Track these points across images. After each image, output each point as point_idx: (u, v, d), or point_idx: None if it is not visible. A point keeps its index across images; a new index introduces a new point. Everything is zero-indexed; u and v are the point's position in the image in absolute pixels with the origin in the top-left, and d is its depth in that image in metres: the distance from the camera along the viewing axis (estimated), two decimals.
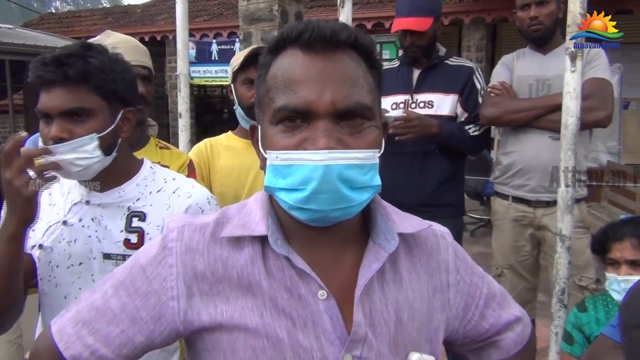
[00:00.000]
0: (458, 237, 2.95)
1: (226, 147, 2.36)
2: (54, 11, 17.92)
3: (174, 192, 1.53)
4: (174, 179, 1.57)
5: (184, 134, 2.98)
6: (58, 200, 1.52)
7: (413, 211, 2.90)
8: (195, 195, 1.55)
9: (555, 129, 2.47)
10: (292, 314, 0.90)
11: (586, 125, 2.61)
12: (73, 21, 15.36)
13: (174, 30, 3.10)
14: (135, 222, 1.48)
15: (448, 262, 1.05)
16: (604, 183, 6.46)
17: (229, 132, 2.45)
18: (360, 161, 0.86)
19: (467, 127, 2.88)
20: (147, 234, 1.47)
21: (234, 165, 2.29)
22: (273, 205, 0.96)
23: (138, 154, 1.91)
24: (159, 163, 1.93)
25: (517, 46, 3.09)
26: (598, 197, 6.42)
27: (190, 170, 2.04)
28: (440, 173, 2.89)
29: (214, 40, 12.01)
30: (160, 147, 2.04)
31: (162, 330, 0.95)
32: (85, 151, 1.39)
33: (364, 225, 1.00)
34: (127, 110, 1.48)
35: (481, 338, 1.12)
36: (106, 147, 1.42)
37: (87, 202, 1.49)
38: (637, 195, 5.75)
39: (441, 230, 1.09)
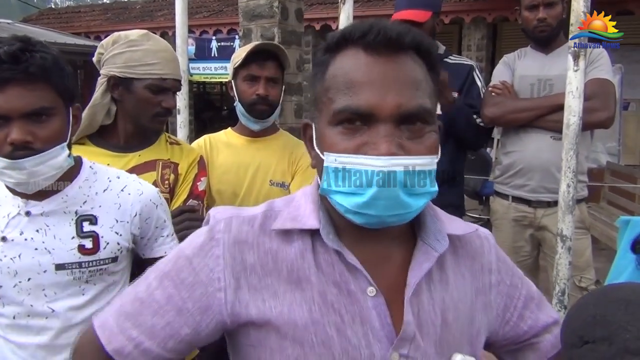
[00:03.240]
0: None
1: (225, 143, 2.35)
2: (53, 6, 17.88)
3: (122, 190, 1.48)
4: (118, 177, 1.51)
5: (182, 131, 2.96)
6: None
7: None
8: (147, 191, 1.51)
9: (557, 129, 2.45)
10: (340, 310, 0.89)
11: (588, 126, 2.60)
12: (72, 17, 15.31)
13: (174, 27, 3.08)
14: (87, 227, 1.41)
15: (491, 263, 1.06)
16: (603, 184, 6.47)
17: (229, 128, 2.44)
18: (421, 167, 0.86)
19: (478, 120, 2.86)
20: (102, 237, 1.41)
21: (233, 162, 2.27)
22: (322, 200, 0.96)
23: (149, 151, 1.90)
24: (169, 160, 1.92)
25: (518, 46, 3.08)
26: (597, 198, 6.42)
27: (201, 167, 2.01)
28: (440, 174, 2.85)
29: (214, 37, 11.98)
30: (171, 143, 2.00)
31: (209, 322, 0.93)
32: (55, 162, 1.32)
33: (411, 224, 0.99)
34: (76, 106, 1.41)
35: (520, 340, 1.11)
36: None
37: (28, 214, 1.37)
38: (637, 196, 5.74)
39: (484, 232, 1.09)
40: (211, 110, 15.35)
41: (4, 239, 1.37)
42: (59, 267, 1.38)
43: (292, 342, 0.89)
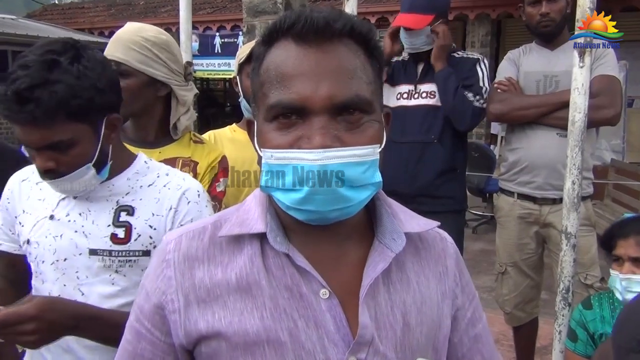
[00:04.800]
0: (459, 234, 2.94)
1: (230, 139, 2.34)
2: (57, 2, 17.86)
3: (164, 186, 1.48)
4: (167, 174, 1.52)
5: None
6: (48, 195, 1.47)
7: (410, 201, 2.90)
8: (186, 186, 1.49)
9: (563, 126, 2.44)
10: (293, 315, 0.86)
11: (594, 123, 2.59)
12: (76, 12, 15.31)
13: (177, 23, 3.08)
14: (123, 217, 1.42)
15: (453, 269, 1.02)
16: (607, 181, 6.45)
17: (234, 124, 2.43)
18: (359, 158, 0.82)
19: (468, 95, 2.82)
20: (135, 228, 1.42)
21: (237, 158, 2.26)
22: (272, 202, 0.92)
23: (170, 148, 1.89)
24: (189, 158, 1.89)
25: (522, 42, 3.06)
26: (601, 195, 6.40)
27: (222, 167, 1.96)
28: (439, 164, 2.87)
29: (217, 33, 11.96)
30: (195, 142, 1.98)
31: (178, 345, 0.91)
32: (83, 181, 1.36)
33: (369, 222, 0.96)
34: (110, 117, 1.39)
35: None
36: (100, 162, 1.38)
37: (75, 197, 1.44)
38: None
39: (447, 236, 1.06)
40: (215, 107, 15.33)
41: (52, 217, 1.44)
42: (92, 252, 1.41)
43: (243, 352, 0.86)
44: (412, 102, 2.94)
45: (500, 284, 3.06)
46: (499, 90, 2.85)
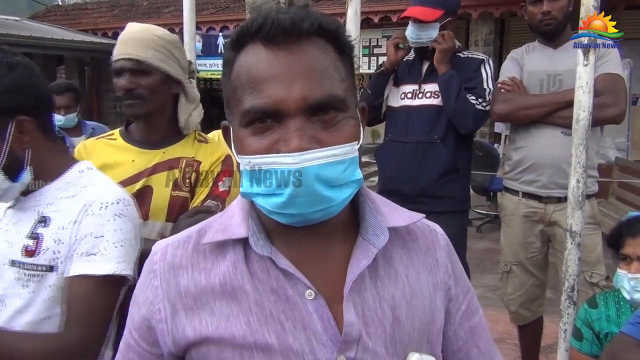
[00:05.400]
0: (462, 234, 2.94)
1: None
2: (60, 3, 17.90)
3: (80, 196, 1.41)
4: (93, 185, 1.44)
5: None
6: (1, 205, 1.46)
7: (412, 201, 2.90)
8: (93, 198, 1.38)
9: (567, 125, 2.43)
10: (280, 317, 0.86)
11: (599, 122, 2.58)
12: (80, 13, 15.34)
13: (181, 23, 3.08)
14: (39, 228, 1.37)
15: (446, 260, 1.01)
16: (612, 179, 6.43)
17: None
18: (338, 157, 0.82)
19: (470, 97, 2.83)
20: (45, 241, 1.36)
21: None
22: (254, 205, 0.91)
23: (174, 148, 1.89)
24: (192, 158, 1.89)
25: (525, 41, 3.06)
26: (606, 194, 6.39)
27: (225, 166, 1.93)
28: (441, 164, 2.88)
29: (221, 34, 11.96)
30: (199, 141, 1.97)
31: (167, 353, 0.92)
32: None
33: (354, 219, 0.95)
34: (19, 119, 1.33)
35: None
36: (11, 167, 1.34)
37: (12, 207, 1.44)
38: None
39: (437, 228, 1.05)
40: (218, 107, 15.30)
41: None
42: (12, 263, 1.37)
43: (231, 356, 0.86)
44: (417, 102, 2.94)
45: (505, 283, 3.06)
46: (502, 90, 2.85)
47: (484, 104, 2.84)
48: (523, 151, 2.86)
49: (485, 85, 2.86)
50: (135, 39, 1.81)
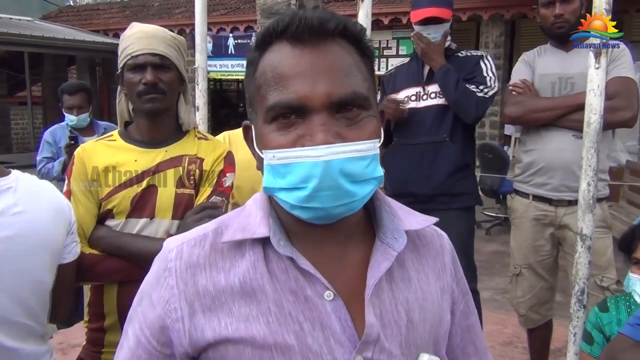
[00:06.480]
0: (471, 230, 2.97)
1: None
2: (72, 4, 18.03)
3: None
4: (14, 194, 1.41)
5: (200, 128, 2.97)
6: None
7: (428, 201, 2.90)
8: None
9: (578, 128, 2.43)
10: (299, 318, 0.87)
11: (611, 125, 2.58)
12: (91, 14, 15.45)
13: (191, 24, 3.11)
14: None
15: (450, 264, 1.04)
16: (622, 182, 6.39)
17: None
18: (361, 153, 0.83)
19: (471, 87, 2.85)
20: None
21: (252, 158, 2.26)
22: (273, 205, 0.93)
23: (176, 146, 1.91)
24: (195, 155, 1.91)
25: (536, 43, 3.05)
26: (616, 197, 6.36)
27: (227, 162, 1.96)
28: (452, 161, 2.92)
29: (231, 35, 12.01)
30: (199, 138, 1.99)
31: (178, 355, 0.91)
32: None
33: (368, 221, 0.97)
34: None
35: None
36: None
37: None
38: None
39: (443, 234, 1.07)
40: (228, 108, 15.40)
41: None
42: None
43: (251, 357, 0.86)
44: (422, 104, 2.96)
45: (515, 286, 3.05)
46: (514, 93, 2.84)
47: (485, 90, 2.85)
48: (534, 154, 2.85)
49: (485, 74, 2.89)
50: (154, 36, 1.85)
